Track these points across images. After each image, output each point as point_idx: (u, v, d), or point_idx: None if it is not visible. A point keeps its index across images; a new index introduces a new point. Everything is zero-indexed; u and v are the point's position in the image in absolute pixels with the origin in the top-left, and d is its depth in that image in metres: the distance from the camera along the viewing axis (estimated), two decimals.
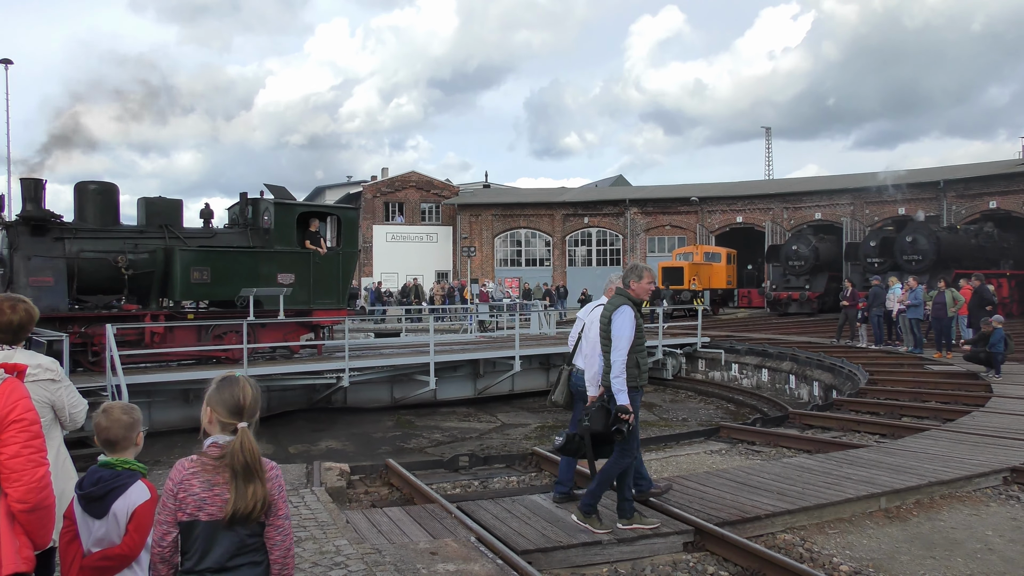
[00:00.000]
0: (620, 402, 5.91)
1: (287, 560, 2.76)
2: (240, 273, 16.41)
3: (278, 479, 2.77)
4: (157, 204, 16.54)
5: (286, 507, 2.80)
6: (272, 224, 17.04)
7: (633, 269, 6.34)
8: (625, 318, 6.02)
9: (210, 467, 2.70)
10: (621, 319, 6.02)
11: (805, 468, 8.19)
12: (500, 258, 49.20)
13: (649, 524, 6.15)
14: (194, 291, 15.97)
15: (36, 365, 3.54)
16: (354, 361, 16.95)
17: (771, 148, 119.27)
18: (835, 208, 41.05)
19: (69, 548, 2.96)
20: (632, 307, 6.10)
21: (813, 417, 12.78)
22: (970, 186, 37.12)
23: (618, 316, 6.05)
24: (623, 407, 5.89)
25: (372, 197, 50.19)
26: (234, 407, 2.76)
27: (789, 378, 19.67)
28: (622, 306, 6.09)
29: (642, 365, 6.15)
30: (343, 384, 16.58)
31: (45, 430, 3.54)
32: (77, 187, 15.79)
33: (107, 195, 15.91)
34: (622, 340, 5.96)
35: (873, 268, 29.92)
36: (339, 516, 6.43)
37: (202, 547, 2.70)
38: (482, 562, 5.33)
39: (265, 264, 16.88)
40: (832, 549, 6.04)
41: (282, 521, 2.76)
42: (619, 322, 6.02)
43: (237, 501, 2.65)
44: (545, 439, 15.31)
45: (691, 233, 44.79)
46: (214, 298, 16.56)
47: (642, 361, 6.16)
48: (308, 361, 17.21)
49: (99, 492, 2.92)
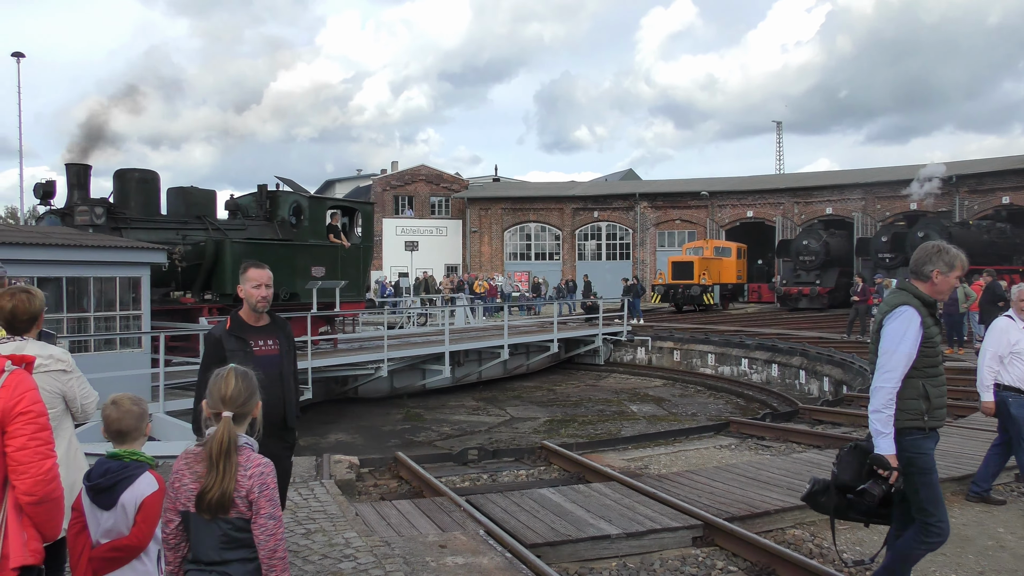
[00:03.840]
0: (880, 449, 4.11)
1: (273, 562, 2.70)
2: (281, 266, 16.51)
3: (261, 476, 2.72)
4: (193, 195, 16.39)
5: (270, 506, 2.72)
6: (307, 218, 17.24)
7: (939, 254, 4.27)
8: (904, 325, 4.16)
9: (201, 458, 2.74)
10: (898, 325, 4.17)
11: (815, 463, 8.15)
12: (510, 252, 49.15)
13: None
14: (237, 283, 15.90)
15: (48, 356, 3.56)
16: (392, 351, 17.25)
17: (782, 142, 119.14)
18: (846, 203, 40.84)
19: (78, 539, 2.97)
20: (920, 309, 4.20)
21: (823, 412, 12.74)
22: (983, 181, 36.84)
23: (894, 321, 4.20)
24: (880, 459, 4.08)
25: (382, 190, 50.20)
26: (219, 398, 2.79)
27: (799, 373, 19.61)
28: (902, 306, 4.21)
29: (933, 396, 4.20)
30: (382, 374, 16.80)
31: (56, 421, 3.55)
32: (118, 175, 15.44)
33: (150, 184, 15.63)
34: (894, 357, 4.13)
35: (884, 263, 29.80)
36: (348, 508, 6.44)
37: (192, 538, 2.75)
38: (491, 555, 5.32)
39: (301, 257, 17.07)
40: (842, 544, 6.01)
41: (264, 520, 2.70)
42: (895, 330, 4.17)
43: (202, 488, 2.67)
44: (554, 433, 15.31)
45: (701, 228, 44.64)
46: None
47: (933, 391, 4.21)
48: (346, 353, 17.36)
49: (107, 483, 2.93)
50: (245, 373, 2.89)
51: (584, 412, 17.99)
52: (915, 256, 4.36)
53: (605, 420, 16.91)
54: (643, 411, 18.05)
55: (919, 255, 4.33)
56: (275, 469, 2.88)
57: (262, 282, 4.46)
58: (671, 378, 22.52)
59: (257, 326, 4.51)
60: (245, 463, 2.73)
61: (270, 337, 4.52)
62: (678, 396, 20.28)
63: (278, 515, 2.74)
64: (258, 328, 4.51)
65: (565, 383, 22.69)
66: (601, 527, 6.08)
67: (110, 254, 12.44)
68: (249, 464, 2.74)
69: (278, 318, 4.67)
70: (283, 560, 2.72)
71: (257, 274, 4.47)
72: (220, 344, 4.36)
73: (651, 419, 16.94)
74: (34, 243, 11.46)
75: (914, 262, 4.35)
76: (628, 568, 5.68)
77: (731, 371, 21.91)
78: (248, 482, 2.71)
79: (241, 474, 2.71)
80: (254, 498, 2.71)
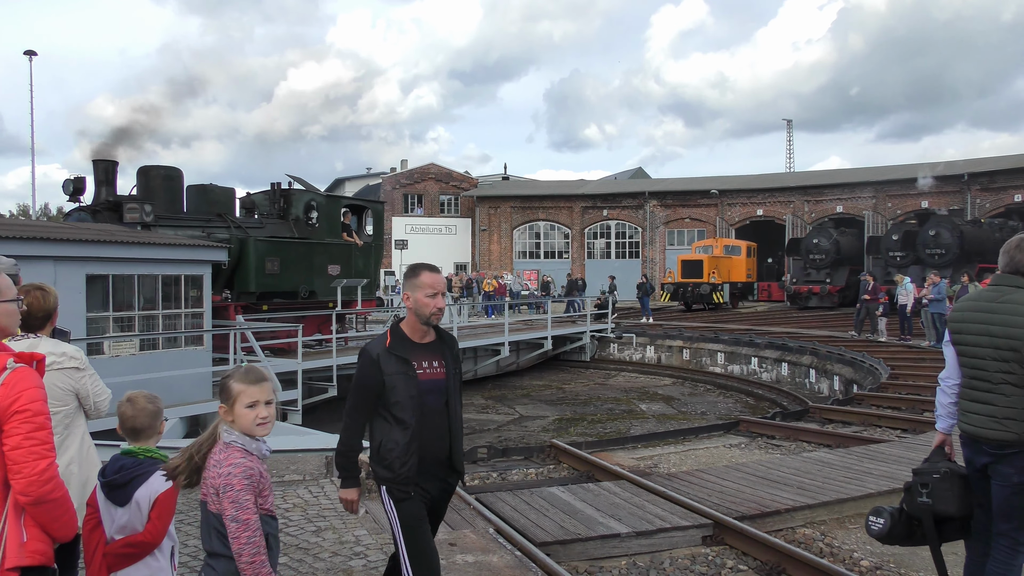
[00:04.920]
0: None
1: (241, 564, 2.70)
2: (301, 264, 16.58)
3: (228, 477, 2.74)
4: (213, 192, 16.36)
5: (233, 508, 2.71)
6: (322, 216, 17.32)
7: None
8: None
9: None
10: None
11: (825, 463, 8.13)
12: (519, 250, 49.14)
13: None
14: (266, 282, 15.97)
15: (61, 353, 3.58)
16: None
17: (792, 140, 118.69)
18: (857, 201, 40.65)
19: (92, 535, 2.99)
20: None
21: (833, 412, 12.70)
22: (995, 179, 36.60)
23: None
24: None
25: (391, 189, 50.26)
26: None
27: (809, 372, 19.55)
28: None
29: None
30: None
31: (69, 419, 3.58)
32: (142, 171, 15.36)
33: (175, 181, 15.60)
34: None
35: (895, 262, 29.64)
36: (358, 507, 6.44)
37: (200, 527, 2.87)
38: (500, 553, 5.33)
39: (319, 255, 17.14)
40: (853, 544, 6.00)
41: (229, 523, 2.72)
42: None
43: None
44: (563, 432, 15.31)
45: (711, 226, 44.52)
46: (280, 289, 16.60)
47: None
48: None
49: (122, 480, 2.95)
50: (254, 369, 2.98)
51: (593, 411, 17.98)
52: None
53: (614, 419, 16.90)
54: (652, 410, 18.03)
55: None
56: (417, 513, 3.26)
57: (438, 290, 3.58)
58: (680, 377, 22.50)
59: (423, 343, 3.63)
60: (223, 460, 2.78)
61: (435, 357, 3.63)
62: (687, 395, 20.25)
63: (243, 518, 2.71)
64: (423, 346, 3.62)
65: (574, 382, 22.70)
66: (611, 526, 6.08)
67: (177, 252, 12.67)
68: (222, 463, 2.78)
69: (446, 334, 3.74)
70: (252, 565, 2.69)
71: (433, 279, 3.58)
72: (378, 366, 3.50)
73: (660, 418, 16.92)
74: (112, 240, 11.65)
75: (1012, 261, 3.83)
76: (638, 567, 5.68)
77: (741, 370, 21.86)
78: (217, 480, 2.75)
79: (215, 471, 2.76)
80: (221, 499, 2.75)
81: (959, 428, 3.92)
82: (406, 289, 3.61)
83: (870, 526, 4.09)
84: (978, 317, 3.83)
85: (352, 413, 3.61)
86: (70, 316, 10.63)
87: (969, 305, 3.96)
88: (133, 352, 11.68)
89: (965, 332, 3.87)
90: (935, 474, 3.89)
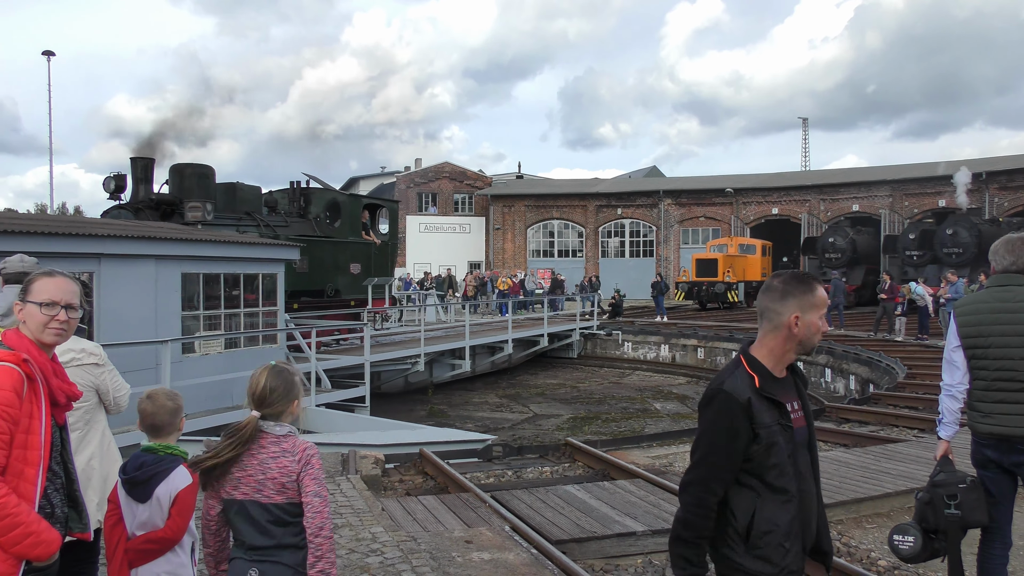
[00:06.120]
0: None
1: (319, 540, 2.75)
2: (326, 263, 16.71)
3: (307, 456, 2.79)
4: (242, 191, 16.39)
5: (315, 485, 2.78)
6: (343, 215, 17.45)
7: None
8: None
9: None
10: None
11: (842, 462, 8.10)
12: (533, 249, 49.11)
13: None
14: (296, 281, 16.00)
15: (80, 350, 3.60)
16: (429, 346, 17.61)
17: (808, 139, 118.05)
18: (873, 200, 40.37)
19: (113, 531, 3.02)
20: None
21: (850, 411, 12.63)
22: (1013, 178, 36.25)
23: None
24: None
25: (406, 188, 50.38)
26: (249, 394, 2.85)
27: (825, 372, 19.45)
28: None
29: None
30: (419, 368, 17.07)
31: (90, 414, 3.60)
32: (175, 169, 15.38)
33: (207, 179, 15.59)
34: None
35: (912, 261, 29.43)
36: (375, 504, 6.48)
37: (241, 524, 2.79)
38: (516, 551, 5.33)
39: (342, 254, 17.26)
40: (870, 543, 5.97)
41: (311, 499, 2.78)
42: None
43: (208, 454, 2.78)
44: (577, 430, 15.30)
45: (726, 225, 44.33)
46: (309, 288, 16.70)
47: None
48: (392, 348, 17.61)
49: (142, 477, 2.98)
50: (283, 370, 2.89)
51: (608, 409, 17.96)
52: None
53: (629, 417, 16.87)
54: (667, 409, 17.99)
55: None
56: None
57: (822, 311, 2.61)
58: (695, 376, 22.43)
59: (782, 379, 2.67)
60: (292, 448, 2.77)
61: (794, 397, 2.69)
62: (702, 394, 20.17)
63: (324, 494, 2.76)
64: (782, 382, 2.67)
65: (588, 380, 22.67)
66: (627, 524, 6.08)
67: (259, 251, 12.91)
68: (296, 449, 2.77)
69: (796, 367, 2.77)
70: (329, 539, 2.74)
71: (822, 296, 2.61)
72: (749, 411, 2.50)
73: (675, 417, 16.88)
74: (206, 240, 11.91)
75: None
76: (654, 565, 5.67)
77: None
78: (296, 466, 2.74)
79: (289, 459, 2.74)
80: (301, 479, 2.74)
81: (978, 430, 3.88)
82: (792, 310, 2.55)
83: (898, 546, 3.90)
84: (1003, 319, 3.77)
85: (707, 483, 2.49)
86: (166, 315, 10.96)
87: (983, 307, 3.89)
88: (220, 351, 11.89)
89: (986, 335, 3.81)
90: (961, 484, 3.79)
